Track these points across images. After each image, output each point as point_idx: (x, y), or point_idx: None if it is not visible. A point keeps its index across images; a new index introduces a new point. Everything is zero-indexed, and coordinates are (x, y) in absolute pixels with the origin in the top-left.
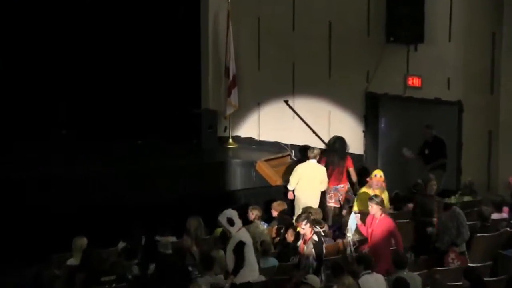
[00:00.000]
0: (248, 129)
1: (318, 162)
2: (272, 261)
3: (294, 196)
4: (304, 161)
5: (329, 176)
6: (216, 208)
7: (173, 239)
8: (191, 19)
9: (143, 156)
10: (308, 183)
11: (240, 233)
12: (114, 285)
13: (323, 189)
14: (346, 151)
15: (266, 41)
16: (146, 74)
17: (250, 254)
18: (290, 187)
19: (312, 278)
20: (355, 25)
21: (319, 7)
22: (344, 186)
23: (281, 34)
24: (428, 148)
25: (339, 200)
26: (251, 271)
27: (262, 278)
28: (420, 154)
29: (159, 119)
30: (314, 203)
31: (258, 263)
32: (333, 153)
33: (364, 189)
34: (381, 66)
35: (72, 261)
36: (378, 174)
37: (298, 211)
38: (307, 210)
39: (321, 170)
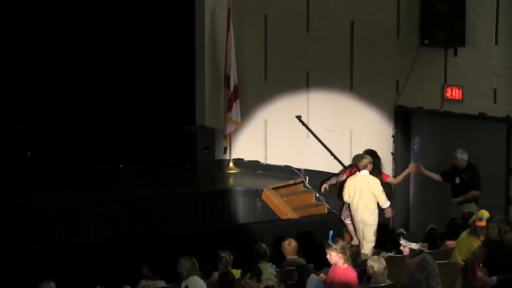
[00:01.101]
0: (252, 150)
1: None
2: None
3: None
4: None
5: None
6: (214, 246)
7: (162, 283)
8: (184, 16)
9: (125, 184)
10: (360, 199)
11: None
12: None
13: (383, 205)
14: (377, 166)
15: (275, 45)
16: (129, 84)
17: None
18: (344, 200)
19: None
20: (382, 25)
21: (339, 3)
22: None
23: (292, 36)
24: (460, 177)
25: None
26: None
27: None
28: (448, 182)
29: (144, 138)
30: (370, 222)
31: None
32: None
33: (465, 235)
34: (414, 74)
35: None
36: (483, 217)
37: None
38: None
39: (374, 182)
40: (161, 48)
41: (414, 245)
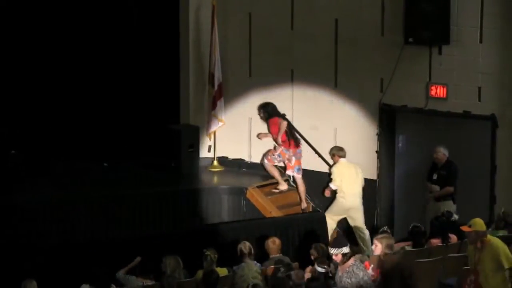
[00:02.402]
0: (237, 149)
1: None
2: None
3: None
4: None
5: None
6: (199, 244)
7: (151, 283)
8: (168, 14)
9: (109, 182)
10: (349, 185)
11: None
12: None
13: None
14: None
15: (259, 43)
16: (113, 82)
17: None
18: (334, 185)
19: None
20: (366, 23)
21: (323, 1)
22: None
23: (277, 33)
24: (438, 173)
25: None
26: None
27: None
28: (428, 179)
29: (129, 136)
30: (357, 204)
31: None
32: (280, 117)
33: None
34: (398, 72)
35: None
36: (473, 224)
37: (334, 215)
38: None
39: (357, 167)
40: (145, 46)
41: (345, 249)
